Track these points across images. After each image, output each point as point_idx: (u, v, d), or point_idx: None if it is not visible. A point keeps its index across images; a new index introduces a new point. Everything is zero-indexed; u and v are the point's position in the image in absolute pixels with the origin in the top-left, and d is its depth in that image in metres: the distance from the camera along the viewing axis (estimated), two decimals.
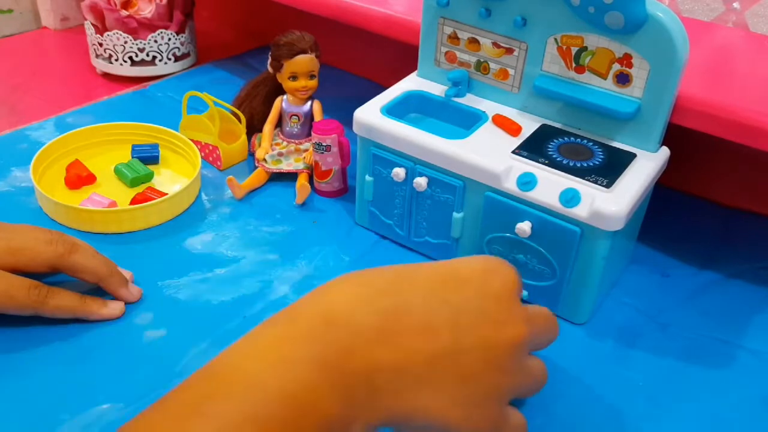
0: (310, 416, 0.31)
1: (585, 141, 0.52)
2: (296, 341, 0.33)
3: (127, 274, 0.53)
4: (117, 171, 0.65)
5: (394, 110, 0.56)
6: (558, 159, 0.50)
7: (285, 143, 0.67)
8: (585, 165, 0.50)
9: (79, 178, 0.63)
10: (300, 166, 0.66)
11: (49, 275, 0.51)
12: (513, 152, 0.51)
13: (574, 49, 0.51)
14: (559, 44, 0.52)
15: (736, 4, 0.63)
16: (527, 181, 0.49)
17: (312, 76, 0.65)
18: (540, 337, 0.41)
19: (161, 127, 0.69)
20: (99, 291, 0.51)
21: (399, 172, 0.55)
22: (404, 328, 0.35)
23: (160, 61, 0.83)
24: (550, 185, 0.49)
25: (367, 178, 0.58)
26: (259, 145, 0.68)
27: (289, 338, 0.33)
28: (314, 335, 0.33)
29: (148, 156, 0.67)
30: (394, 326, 0.34)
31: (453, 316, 0.36)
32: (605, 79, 0.51)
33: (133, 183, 0.64)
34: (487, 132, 0.54)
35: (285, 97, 0.67)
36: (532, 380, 0.40)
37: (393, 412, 0.34)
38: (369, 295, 0.35)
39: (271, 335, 0.34)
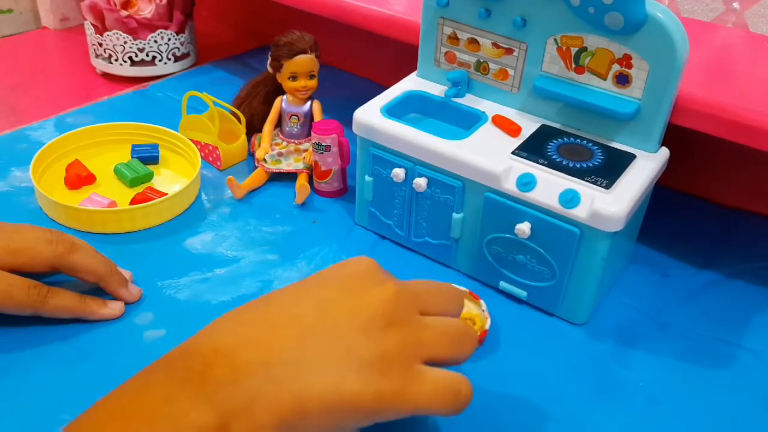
0: (175, 428, 0.32)
1: (584, 141, 0.52)
2: (155, 372, 0.35)
3: (127, 274, 0.53)
4: (117, 171, 0.65)
5: (393, 110, 0.56)
6: (557, 160, 0.50)
7: (285, 143, 0.67)
8: (584, 166, 0.50)
9: (78, 178, 0.63)
10: (300, 166, 0.66)
11: (49, 275, 0.51)
12: (512, 153, 0.51)
13: (573, 50, 0.51)
14: (559, 45, 0.52)
15: (736, 4, 0.63)
16: (527, 182, 0.49)
17: (312, 76, 0.65)
18: (432, 297, 0.40)
19: (161, 127, 0.69)
20: (99, 291, 0.51)
21: (399, 173, 0.55)
22: (267, 329, 0.36)
23: (160, 61, 0.83)
24: (549, 186, 0.49)
25: (367, 178, 0.58)
26: (259, 145, 0.68)
27: (151, 372, 0.35)
28: (173, 364, 0.35)
29: (148, 156, 0.67)
30: (257, 333, 0.36)
31: (315, 302, 0.37)
32: (605, 79, 0.51)
33: (132, 183, 0.64)
34: (487, 132, 0.54)
35: (285, 97, 0.67)
36: (436, 334, 0.38)
37: (284, 406, 0.33)
38: (230, 318, 0.38)
39: (142, 374, 0.35)
